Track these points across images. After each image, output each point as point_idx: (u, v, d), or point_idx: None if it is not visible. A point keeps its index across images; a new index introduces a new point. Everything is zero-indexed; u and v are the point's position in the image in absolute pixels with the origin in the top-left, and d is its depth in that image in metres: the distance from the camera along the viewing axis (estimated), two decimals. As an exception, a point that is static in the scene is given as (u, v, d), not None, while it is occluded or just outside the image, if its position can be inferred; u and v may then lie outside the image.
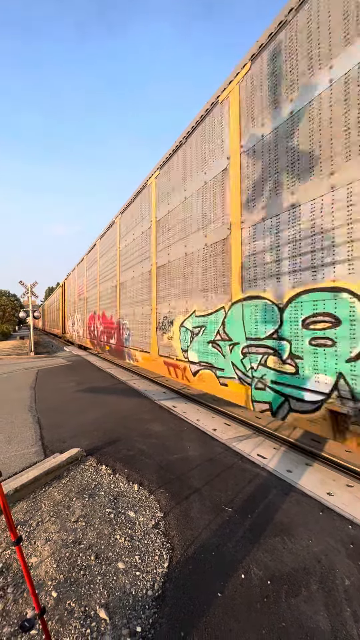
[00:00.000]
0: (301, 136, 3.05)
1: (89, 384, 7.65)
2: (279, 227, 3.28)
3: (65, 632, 1.61)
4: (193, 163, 4.92)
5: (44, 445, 3.90)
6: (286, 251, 3.19)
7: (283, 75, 3.30)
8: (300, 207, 3.04)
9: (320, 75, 2.89)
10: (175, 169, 5.46)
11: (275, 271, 3.32)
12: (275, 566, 2.01)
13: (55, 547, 2.19)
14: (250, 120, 3.74)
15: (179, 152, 5.37)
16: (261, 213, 3.51)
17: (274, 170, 3.36)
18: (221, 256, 4.20)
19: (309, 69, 3.01)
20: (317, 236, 2.87)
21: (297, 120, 3.11)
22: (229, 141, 4.11)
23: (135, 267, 7.45)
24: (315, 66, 2.94)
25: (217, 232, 4.29)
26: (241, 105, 3.92)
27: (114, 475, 3.15)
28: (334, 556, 2.09)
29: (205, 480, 3.02)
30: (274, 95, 3.41)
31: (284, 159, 3.25)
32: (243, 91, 3.89)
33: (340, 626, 1.63)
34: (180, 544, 2.21)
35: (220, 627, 1.63)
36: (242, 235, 3.79)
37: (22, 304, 15.22)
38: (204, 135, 4.65)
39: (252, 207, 3.65)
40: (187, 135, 5.08)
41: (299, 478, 3.05)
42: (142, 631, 1.61)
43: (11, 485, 2.77)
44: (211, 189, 4.46)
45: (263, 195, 3.50)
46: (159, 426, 4.53)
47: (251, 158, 3.68)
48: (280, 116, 3.31)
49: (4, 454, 3.61)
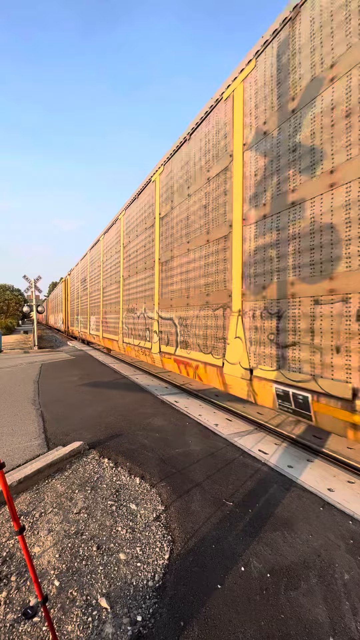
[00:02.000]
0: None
1: (92, 378, 7.70)
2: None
3: (67, 620, 1.64)
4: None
5: (47, 438, 3.95)
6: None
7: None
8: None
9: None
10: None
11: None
12: (275, 559, 2.03)
13: (58, 537, 2.22)
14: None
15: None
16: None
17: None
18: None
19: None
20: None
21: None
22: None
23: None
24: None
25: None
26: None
27: (116, 468, 3.18)
28: (333, 551, 2.10)
29: (206, 475, 3.04)
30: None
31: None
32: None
33: (339, 619, 1.64)
34: (181, 537, 2.23)
35: (219, 617, 1.65)
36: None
37: (26, 299, 15.30)
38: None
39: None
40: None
41: (300, 473, 3.06)
42: (143, 620, 1.64)
43: (15, 477, 2.81)
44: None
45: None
46: (161, 421, 4.55)
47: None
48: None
49: (8, 446, 3.66)
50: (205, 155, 4.70)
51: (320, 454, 3.49)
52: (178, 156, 5.52)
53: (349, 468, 3.17)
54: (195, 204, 4.92)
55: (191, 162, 5.07)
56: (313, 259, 2.90)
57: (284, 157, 3.25)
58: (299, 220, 3.07)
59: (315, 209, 2.90)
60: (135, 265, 7.64)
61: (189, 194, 5.08)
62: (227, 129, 4.19)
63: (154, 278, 6.40)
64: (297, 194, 3.08)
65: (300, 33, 3.09)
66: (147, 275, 6.79)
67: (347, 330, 2.60)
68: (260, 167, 3.57)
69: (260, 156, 3.58)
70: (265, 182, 3.51)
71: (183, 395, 6.06)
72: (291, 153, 3.17)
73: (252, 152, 3.71)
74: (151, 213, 6.61)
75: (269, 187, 3.44)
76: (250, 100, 3.76)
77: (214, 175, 4.42)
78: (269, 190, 3.44)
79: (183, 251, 5.21)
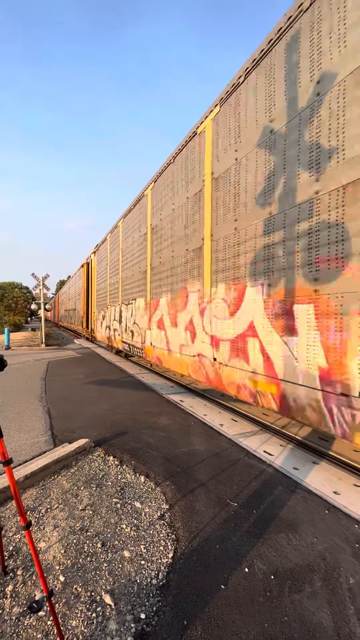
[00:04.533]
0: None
1: (98, 376, 7.76)
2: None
3: (71, 615, 1.66)
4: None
5: (53, 434, 3.99)
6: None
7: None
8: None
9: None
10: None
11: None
12: (279, 562, 2.02)
13: (63, 533, 2.25)
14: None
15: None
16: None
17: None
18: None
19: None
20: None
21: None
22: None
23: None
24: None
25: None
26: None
27: (121, 466, 3.21)
28: (339, 554, 2.08)
29: (211, 475, 3.04)
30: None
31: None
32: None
33: (343, 624, 1.63)
34: (185, 536, 2.24)
35: (222, 617, 1.65)
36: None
37: (34, 296, 15.38)
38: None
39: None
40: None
41: (305, 476, 3.04)
42: (146, 618, 1.65)
43: (21, 473, 2.85)
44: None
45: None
46: (166, 420, 4.56)
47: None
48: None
49: (15, 442, 3.71)
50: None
51: (326, 456, 3.46)
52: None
53: (355, 471, 3.14)
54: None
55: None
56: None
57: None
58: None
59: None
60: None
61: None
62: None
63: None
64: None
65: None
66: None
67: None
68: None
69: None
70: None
71: (188, 394, 6.06)
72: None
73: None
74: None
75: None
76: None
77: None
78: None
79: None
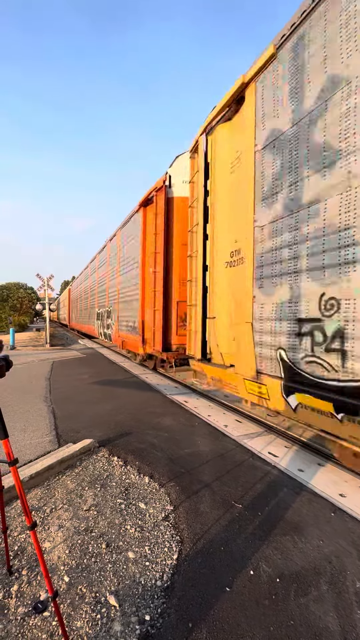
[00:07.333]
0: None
1: (102, 376, 7.78)
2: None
3: (76, 616, 1.66)
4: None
5: (57, 434, 4.00)
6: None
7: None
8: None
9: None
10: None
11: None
12: (285, 564, 2.00)
13: (68, 533, 2.25)
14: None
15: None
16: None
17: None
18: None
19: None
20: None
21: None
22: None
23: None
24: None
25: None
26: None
27: (126, 467, 3.20)
28: (345, 558, 2.06)
29: (215, 476, 3.03)
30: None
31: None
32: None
33: (350, 628, 1.61)
34: (189, 537, 2.23)
35: (228, 620, 1.64)
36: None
37: (39, 297, 15.45)
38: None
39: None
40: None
41: (310, 478, 3.01)
42: (151, 620, 1.64)
43: (26, 472, 2.86)
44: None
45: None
46: (170, 420, 4.56)
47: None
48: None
49: (20, 442, 3.73)
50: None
51: (332, 458, 3.43)
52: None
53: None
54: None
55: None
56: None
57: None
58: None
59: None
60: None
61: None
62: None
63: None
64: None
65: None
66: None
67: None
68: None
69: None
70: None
71: (192, 395, 6.05)
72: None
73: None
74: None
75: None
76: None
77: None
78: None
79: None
